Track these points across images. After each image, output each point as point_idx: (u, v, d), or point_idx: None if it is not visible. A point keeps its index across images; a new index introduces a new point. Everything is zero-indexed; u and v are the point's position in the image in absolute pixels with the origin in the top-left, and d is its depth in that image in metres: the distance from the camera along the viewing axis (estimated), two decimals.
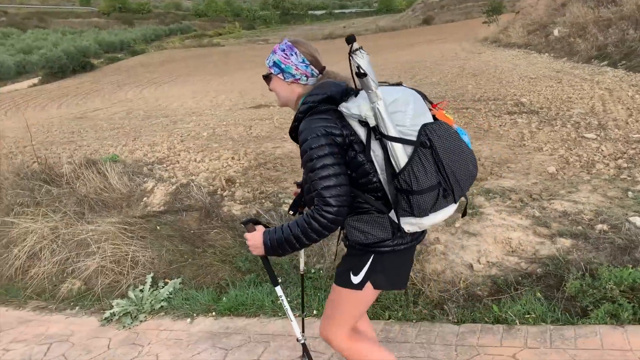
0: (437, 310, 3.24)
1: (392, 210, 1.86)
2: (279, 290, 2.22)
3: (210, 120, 10.05)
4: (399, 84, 1.97)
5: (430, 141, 1.78)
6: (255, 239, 1.99)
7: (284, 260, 3.98)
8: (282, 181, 5.22)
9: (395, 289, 2.58)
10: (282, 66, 2.01)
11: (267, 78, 2.09)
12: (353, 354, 2.10)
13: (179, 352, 3.27)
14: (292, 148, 6.36)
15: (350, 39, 1.78)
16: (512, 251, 3.55)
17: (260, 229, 2.02)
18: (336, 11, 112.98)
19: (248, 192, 4.94)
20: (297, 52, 2.00)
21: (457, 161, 1.81)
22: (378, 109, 1.77)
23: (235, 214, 4.55)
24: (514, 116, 7.15)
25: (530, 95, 8.46)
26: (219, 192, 4.97)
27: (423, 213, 1.81)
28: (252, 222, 2.03)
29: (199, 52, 54.14)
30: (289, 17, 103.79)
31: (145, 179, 5.34)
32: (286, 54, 2.01)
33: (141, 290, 4.03)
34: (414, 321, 3.17)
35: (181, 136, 7.91)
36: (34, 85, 39.85)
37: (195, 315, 3.67)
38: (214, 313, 3.63)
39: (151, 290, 4.01)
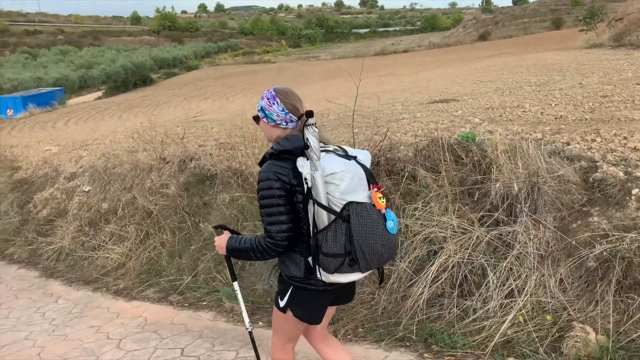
0: None
1: (310, 256, 2.13)
2: (235, 285, 2.60)
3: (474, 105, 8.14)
4: (353, 158, 2.16)
5: (349, 217, 2.01)
6: (221, 241, 2.37)
7: None
8: None
9: (308, 323, 2.38)
10: (267, 112, 2.27)
11: (256, 119, 2.35)
12: None
13: None
14: None
15: (309, 114, 2.12)
16: None
17: (227, 234, 2.39)
18: (380, 29, 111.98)
19: None
20: (278, 101, 2.23)
21: (367, 241, 2.01)
22: (314, 177, 2.03)
23: None
24: None
25: None
26: None
27: (327, 272, 2.07)
28: (221, 228, 2.43)
29: (252, 68, 53.38)
30: (333, 35, 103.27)
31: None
32: (270, 103, 2.25)
33: None
34: None
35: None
36: (99, 98, 39.61)
37: None
38: None
39: None
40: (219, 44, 78.82)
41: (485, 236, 3.13)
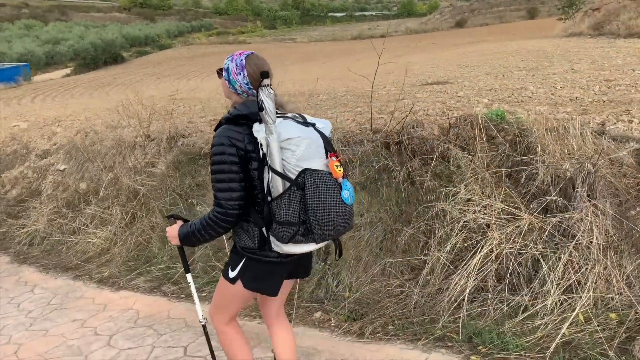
0: None
1: (264, 226, 2.05)
2: (189, 277, 2.55)
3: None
4: (311, 125, 2.10)
5: (304, 184, 1.94)
6: (173, 230, 2.26)
7: None
8: None
9: (262, 293, 2.29)
10: (230, 78, 2.14)
11: (220, 73, 2.21)
12: (222, 338, 2.36)
13: None
14: None
15: (264, 75, 2.06)
16: None
17: (179, 223, 2.28)
18: (356, 13, 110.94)
19: None
20: (245, 74, 2.11)
21: (322, 210, 1.95)
22: (269, 141, 1.95)
23: None
24: None
25: None
26: None
27: (280, 241, 1.99)
28: (173, 217, 2.33)
29: (226, 48, 52.03)
30: (309, 17, 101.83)
31: None
32: (237, 71, 2.12)
33: None
34: None
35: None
36: (67, 75, 38.07)
37: None
38: None
39: None
40: (192, 24, 76.77)
41: (542, 224, 2.80)
